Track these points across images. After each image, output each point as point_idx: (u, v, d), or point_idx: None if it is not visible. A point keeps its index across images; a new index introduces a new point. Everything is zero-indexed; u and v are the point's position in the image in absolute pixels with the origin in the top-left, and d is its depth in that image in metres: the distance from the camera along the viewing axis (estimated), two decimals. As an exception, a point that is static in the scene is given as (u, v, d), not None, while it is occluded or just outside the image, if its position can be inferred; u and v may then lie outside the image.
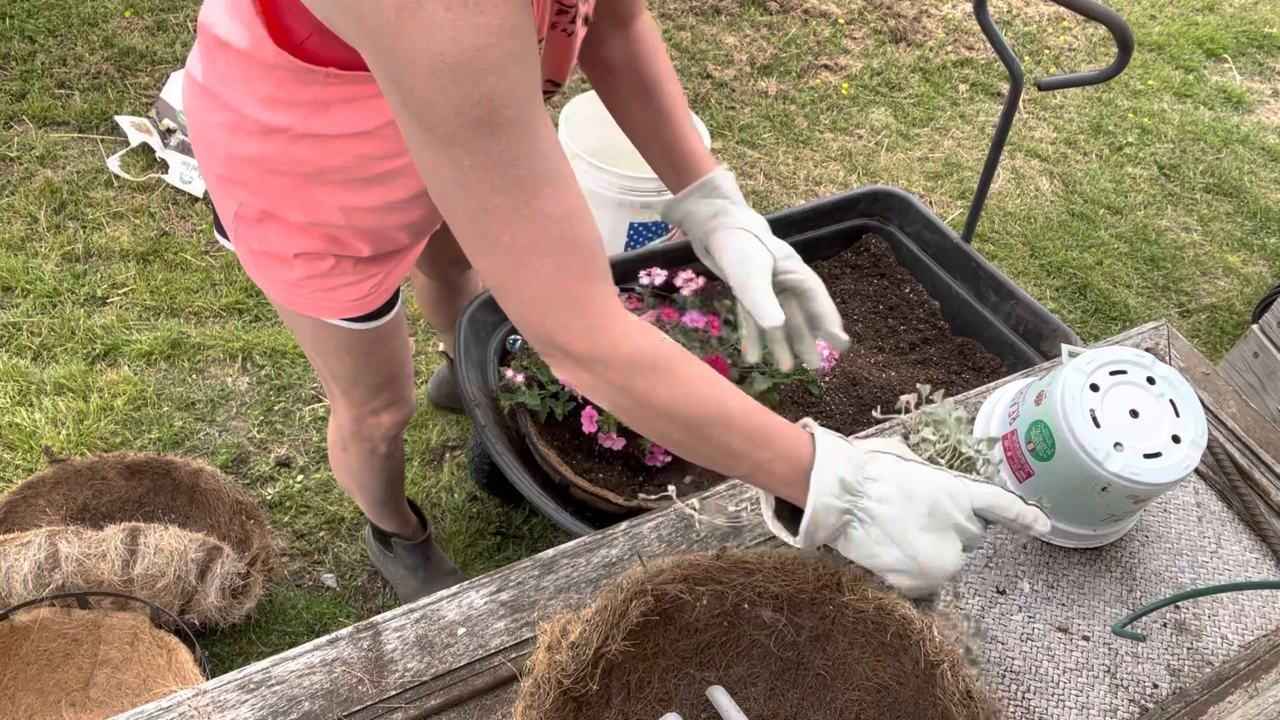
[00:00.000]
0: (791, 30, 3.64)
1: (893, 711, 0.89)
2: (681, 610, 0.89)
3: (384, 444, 1.50)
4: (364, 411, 1.42)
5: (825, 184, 3.04)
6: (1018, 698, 0.98)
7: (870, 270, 2.11)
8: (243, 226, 1.11)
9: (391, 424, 1.45)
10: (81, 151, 2.65)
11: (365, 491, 1.66)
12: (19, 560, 1.55)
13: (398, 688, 0.90)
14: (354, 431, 1.46)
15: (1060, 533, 1.10)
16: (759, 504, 0.97)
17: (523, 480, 1.52)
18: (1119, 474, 0.99)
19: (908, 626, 0.86)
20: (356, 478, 1.60)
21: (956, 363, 1.95)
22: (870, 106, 3.40)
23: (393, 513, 1.77)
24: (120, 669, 1.63)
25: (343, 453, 1.54)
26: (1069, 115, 3.53)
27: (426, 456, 2.14)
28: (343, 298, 1.17)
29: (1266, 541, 1.15)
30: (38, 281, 2.30)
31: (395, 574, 1.89)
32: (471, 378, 1.64)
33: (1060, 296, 2.82)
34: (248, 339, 2.27)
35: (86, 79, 2.84)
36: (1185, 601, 1.07)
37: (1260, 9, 4.33)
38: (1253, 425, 1.27)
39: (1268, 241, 3.14)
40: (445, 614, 0.96)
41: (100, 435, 2.05)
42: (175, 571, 1.62)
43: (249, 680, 0.89)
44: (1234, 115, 3.68)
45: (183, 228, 2.52)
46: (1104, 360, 1.05)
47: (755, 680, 0.93)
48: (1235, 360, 2.34)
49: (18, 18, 2.96)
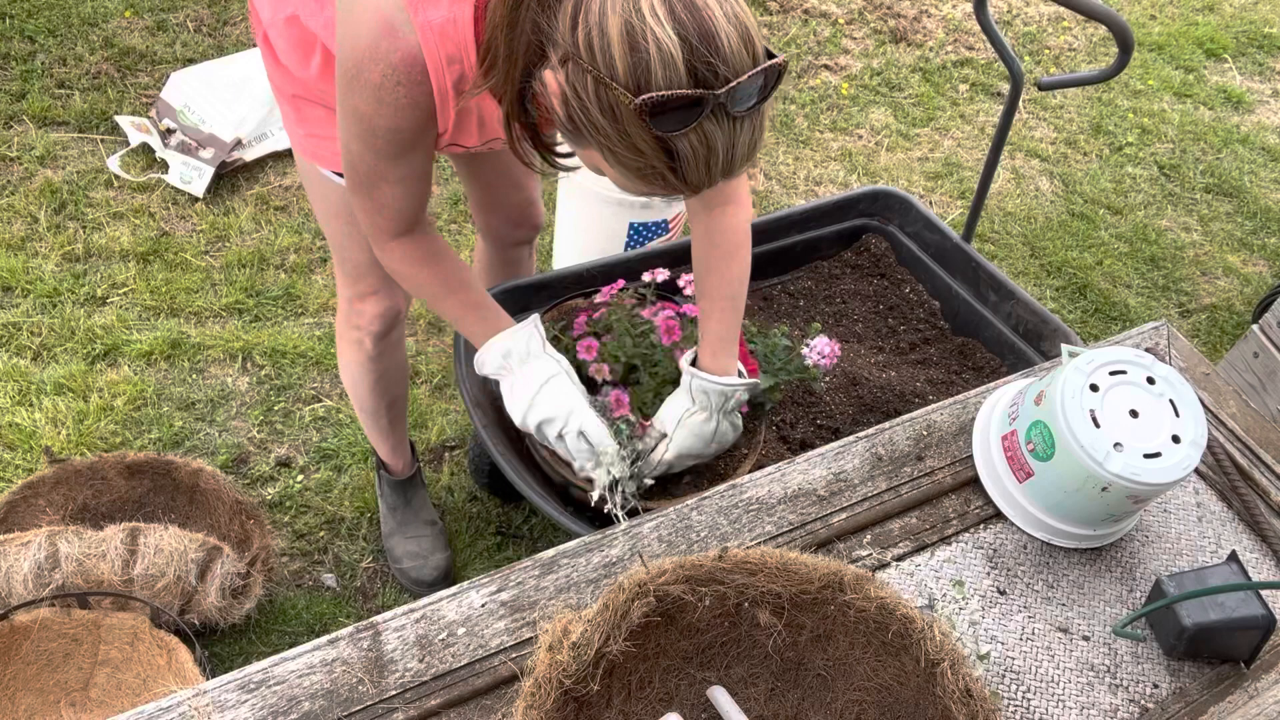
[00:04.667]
0: (791, 30, 3.64)
1: (893, 712, 0.90)
2: (683, 611, 0.89)
3: (369, 339, 1.62)
4: (351, 294, 1.58)
5: (825, 184, 3.04)
6: (1018, 698, 0.98)
7: (870, 270, 2.11)
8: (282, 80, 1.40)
9: (373, 316, 1.58)
10: (81, 151, 2.65)
11: (356, 391, 1.75)
12: (19, 560, 1.55)
13: (398, 688, 0.90)
14: (345, 317, 1.63)
15: (1060, 533, 1.10)
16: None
17: (523, 481, 1.52)
18: (1119, 474, 0.99)
19: (909, 625, 0.86)
20: (349, 372, 1.71)
21: (957, 363, 1.95)
22: (870, 106, 3.40)
23: (382, 433, 1.85)
24: (120, 669, 1.63)
25: (340, 341, 1.69)
26: (1069, 115, 3.53)
27: (426, 456, 2.14)
28: (331, 149, 1.37)
29: (1266, 541, 1.15)
30: (38, 281, 2.30)
31: (380, 509, 1.99)
32: (472, 378, 1.64)
33: (1060, 296, 2.82)
34: (248, 339, 2.27)
35: (86, 79, 2.84)
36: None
37: (1260, 9, 4.33)
38: (1253, 425, 1.27)
39: (1268, 241, 3.14)
40: (445, 614, 0.96)
41: (100, 435, 2.05)
42: (175, 571, 1.62)
43: (249, 680, 0.89)
44: (1234, 115, 3.68)
45: (183, 228, 2.52)
46: (1104, 360, 1.05)
47: (756, 680, 0.93)
48: (1235, 360, 2.34)
49: (18, 18, 2.96)
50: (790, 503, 1.10)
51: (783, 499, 1.11)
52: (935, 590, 1.05)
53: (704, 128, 0.89)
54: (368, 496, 2.03)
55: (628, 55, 0.86)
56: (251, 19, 1.39)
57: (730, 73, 0.87)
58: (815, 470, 1.14)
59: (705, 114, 0.88)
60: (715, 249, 1.33)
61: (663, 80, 0.86)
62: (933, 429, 1.21)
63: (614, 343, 1.53)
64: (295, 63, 1.33)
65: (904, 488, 1.14)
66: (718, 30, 0.86)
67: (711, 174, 0.93)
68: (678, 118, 0.87)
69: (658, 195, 0.99)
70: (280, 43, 1.32)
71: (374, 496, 2.02)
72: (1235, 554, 1.03)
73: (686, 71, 0.86)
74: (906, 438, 1.19)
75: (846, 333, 2.00)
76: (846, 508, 1.11)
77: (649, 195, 0.99)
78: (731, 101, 0.88)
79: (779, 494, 1.11)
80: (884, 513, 1.11)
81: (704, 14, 0.86)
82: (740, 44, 0.88)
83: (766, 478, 1.13)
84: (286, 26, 1.30)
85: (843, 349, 1.89)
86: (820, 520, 1.09)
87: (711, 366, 1.37)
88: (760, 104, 0.92)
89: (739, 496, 1.10)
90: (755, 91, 0.90)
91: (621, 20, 0.85)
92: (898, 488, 1.14)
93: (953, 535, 1.11)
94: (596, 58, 0.87)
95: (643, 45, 0.85)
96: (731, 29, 0.87)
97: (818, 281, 2.10)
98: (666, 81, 0.86)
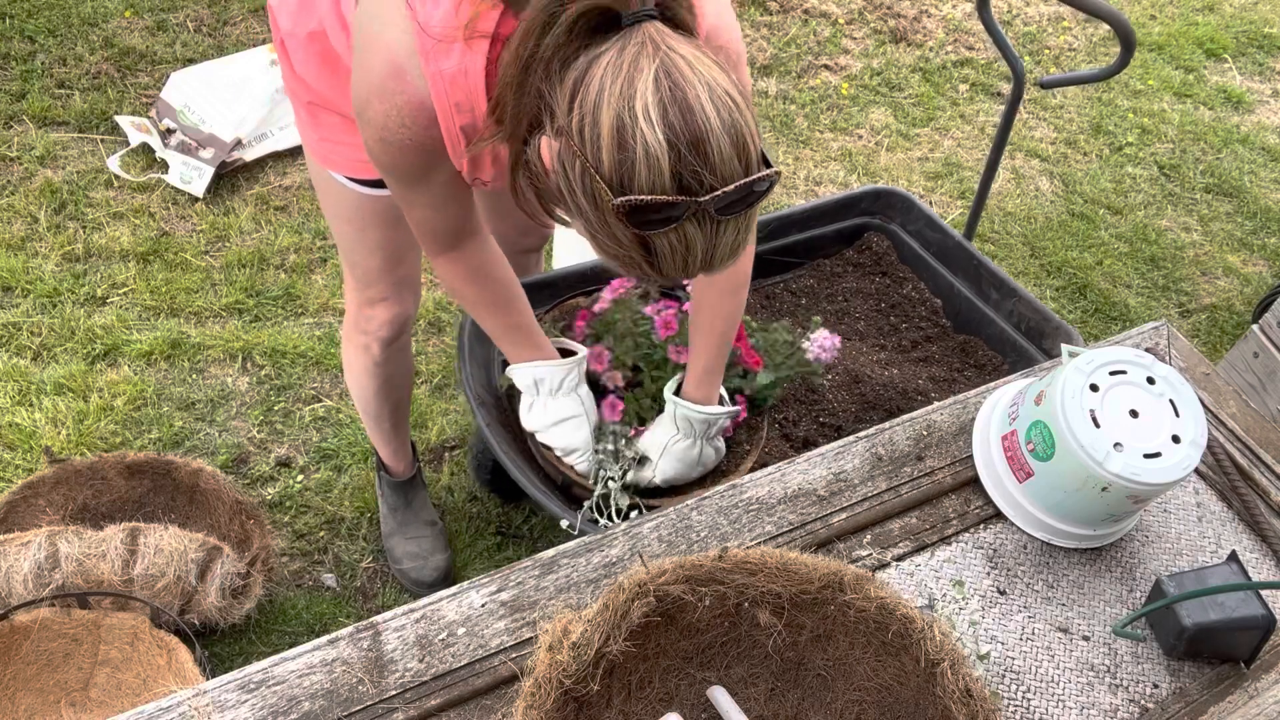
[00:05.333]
0: (791, 30, 3.64)
1: (893, 712, 0.90)
2: (683, 611, 0.89)
3: (376, 345, 1.63)
4: (360, 300, 1.58)
5: (825, 184, 3.04)
6: (1018, 698, 0.98)
7: (872, 269, 2.11)
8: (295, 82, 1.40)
9: (382, 322, 1.59)
10: (81, 151, 2.65)
11: (360, 394, 1.75)
12: (19, 560, 1.55)
13: (398, 688, 0.90)
14: (353, 322, 1.63)
15: (1060, 533, 1.10)
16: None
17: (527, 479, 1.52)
18: (1119, 474, 0.99)
19: (909, 625, 0.86)
20: (354, 375, 1.72)
21: (958, 361, 1.95)
22: (870, 106, 3.40)
23: (384, 436, 1.86)
24: (120, 669, 1.63)
25: (346, 345, 1.69)
26: (1069, 115, 3.53)
27: (427, 457, 2.14)
28: (344, 155, 1.37)
29: (1266, 541, 1.15)
30: (38, 281, 2.30)
31: (381, 509, 1.99)
32: (475, 376, 1.64)
33: (1060, 296, 2.82)
34: (248, 339, 2.27)
35: (86, 79, 2.84)
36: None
37: (1260, 9, 4.33)
38: (1253, 425, 1.27)
39: (1268, 241, 3.14)
40: (445, 614, 0.96)
41: (100, 435, 2.05)
42: (175, 571, 1.62)
43: (249, 680, 0.89)
44: (1234, 115, 3.68)
45: (183, 228, 2.52)
46: (1104, 360, 1.05)
47: (756, 680, 0.93)
48: (1235, 360, 2.34)
49: (18, 18, 2.96)
50: (790, 503, 1.10)
51: (783, 499, 1.11)
52: (935, 590, 1.05)
53: (684, 229, 0.87)
54: (368, 496, 2.03)
55: (615, 152, 0.84)
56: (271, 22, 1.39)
57: (717, 181, 0.86)
58: (815, 470, 1.14)
59: (685, 218, 0.86)
60: (713, 286, 1.35)
61: (646, 184, 0.84)
62: (933, 429, 1.21)
63: (620, 347, 1.53)
64: (313, 74, 1.32)
65: (904, 488, 1.14)
66: (709, 137, 0.84)
67: (689, 270, 0.92)
68: (658, 219, 0.86)
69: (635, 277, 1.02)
70: (299, 54, 1.32)
71: (374, 496, 2.02)
72: (1235, 554, 1.03)
73: (671, 177, 0.84)
74: (906, 438, 1.19)
75: (849, 330, 2.01)
76: (846, 508, 1.11)
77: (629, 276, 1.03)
78: (716, 209, 0.87)
79: (779, 494, 1.11)
80: (884, 513, 1.11)
81: (698, 119, 0.84)
82: (732, 152, 0.86)
83: (766, 478, 1.13)
84: (309, 41, 1.29)
85: (845, 346, 1.89)
86: (820, 520, 1.09)
87: (695, 395, 1.43)
88: (748, 209, 0.90)
89: (739, 496, 1.10)
90: (743, 199, 0.88)
91: (614, 115, 0.83)
92: (898, 488, 1.14)
93: (953, 535, 1.11)
94: (586, 146, 0.85)
95: (630, 145, 0.83)
96: (725, 137, 0.85)
97: (820, 280, 2.10)
98: (650, 185, 0.84)
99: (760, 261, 2.06)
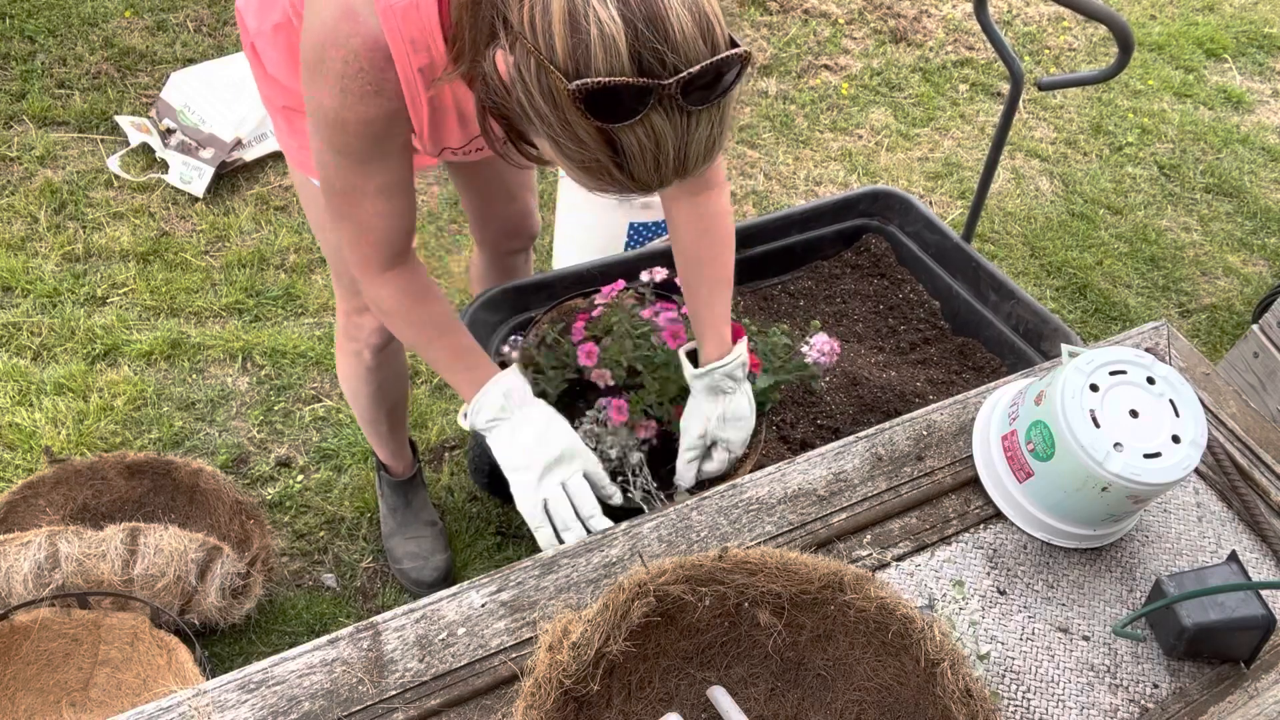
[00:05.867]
0: (791, 30, 3.64)
1: (893, 712, 0.90)
2: (683, 611, 0.89)
3: (368, 351, 1.61)
4: (349, 308, 1.58)
5: (825, 184, 3.04)
6: (1018, 698, 0.98)
7: (871, 270, 2.11)
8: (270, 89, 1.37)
9: (372, 329, 1.58)
10: (81, 151, 2.65)
11: (356, 401, 1.75)
12: (19, 560, 1.55)
13: (398, 688, 0.90)
14: (344, 330, 1.63)
15: (1060, 533, 1.10)
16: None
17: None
18: (1119, 474, 0.99)
19: (909, 625, 0.86)
20: (348, 382, 1.72)
21: (957, 362, 1.95)
22: (870, 106, 3.40)
23: (382, 438, 1.86)
24: (120, 669, 1.63)
25: (339, 353, 1.69)
26: (1069, 115, 3.53)
27: (427, 457, 2.14)
28: None
29: (1266, 541, 1.15)
30: (38, 281, 2.30)
31: (381, 510, 1.99)
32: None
33: (1060, 296, 2.82)
34: (248, 339, 2.27)
35: (86, 79, 2.84)
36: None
37: (1260, 9, 4.33)
38: (1253, 425, 1.27)
39: (1268, 241, 3.14)
40: (445, 614, 0.96)
41: (100, 435, 2.05)
42: (175, 571, 1.62)
43: (249, 680, 0.89)
44: (1234, 115, 3.68)
45: (183, 228, 2.52)
46: (1104, 360, 1.05)
47: (756, 680, 0.93)
48: (1235, 360, 2.34)
49: (18, 18, 2.96)
50: (790, 503, 1.10)
51: (783, 499, 1.11)
52: (935, 590, 1.05)
53: (651, 121, 0.82)
54: (368, 496, 2.03)
55: (568, 36, 0.79)
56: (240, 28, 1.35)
57: (681, 61, 0.80)
58: (815, 470, 1.14)
59: (651, 106, 0.81)
60: (705, 236, 1.29)
61: (603, 66, 0.79)
62: (933, 429, 1.21)
63: (614, 346, 1.52)
64: (285, 72, 1.30)
65: (904, 488, 1.14)
66: (669, 14, 0.79)
67: (661, 172, 0.86)
68: (620, 108, 0.80)
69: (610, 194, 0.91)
70: (269, 53, 1.29)
71: (374, 496, 2.02)
72: (1235, 554, 1.03)
73: (630, 58, 0.79)
74: (906, 438, 1.19)
75: (847, 332, 2.00)
76: (846, 508, 1.11)
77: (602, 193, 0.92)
78: (683, 94, 0.81)
79: (779, 494, 1.11)
80: (884, 513, 1.11)
81: None
82: (695, 31, 0.80)
83: (766, 478, 1.13)
84: (275, 34, 1.26)
85: (843, 349, 1.89)
86: (820, 520, 1.09)
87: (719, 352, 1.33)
88: (720, 98, 0.84)
89: (739, 496, 1.10)
90: (712, 84, 0.82)
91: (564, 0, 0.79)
92: (898, 488, 1.14)
93: (953, 535, 1.11)
94: (539, 38, 0.80)
95: (584, 26, 0.78)
96: (686, 14, 0.80)
97: (818, 281, 2.10)
98: (607, 67, 0.79)
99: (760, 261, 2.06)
